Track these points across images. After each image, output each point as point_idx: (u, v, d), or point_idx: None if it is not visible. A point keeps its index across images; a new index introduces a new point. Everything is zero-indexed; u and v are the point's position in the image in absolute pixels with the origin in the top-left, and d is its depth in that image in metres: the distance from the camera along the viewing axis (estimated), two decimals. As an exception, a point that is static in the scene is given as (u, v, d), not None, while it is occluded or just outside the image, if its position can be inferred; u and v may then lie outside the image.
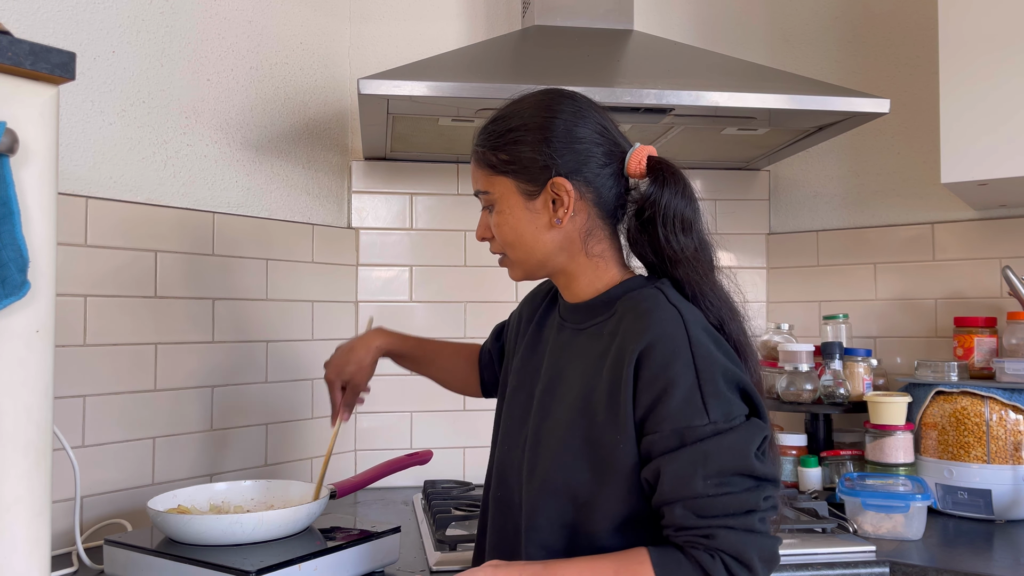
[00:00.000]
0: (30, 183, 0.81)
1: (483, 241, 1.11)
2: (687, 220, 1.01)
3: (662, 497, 0.91)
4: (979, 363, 1.80)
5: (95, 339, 1.51)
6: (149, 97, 1.65)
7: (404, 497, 1.91)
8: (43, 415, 0.82)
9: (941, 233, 2.00)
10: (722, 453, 0.89)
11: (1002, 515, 1.60)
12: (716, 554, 0.88)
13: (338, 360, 1.38)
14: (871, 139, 2.13)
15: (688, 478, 0.89)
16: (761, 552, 0.89)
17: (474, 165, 1.08)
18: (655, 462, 0.92)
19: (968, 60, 1.63)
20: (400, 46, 2.12)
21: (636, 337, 0.94)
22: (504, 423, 1.13)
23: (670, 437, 0.91)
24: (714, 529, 0.88)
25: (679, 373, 0.91)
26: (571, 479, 0.97)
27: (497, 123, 1.06)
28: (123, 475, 1.56)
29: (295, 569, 1.18)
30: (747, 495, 0.89)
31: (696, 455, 0.89)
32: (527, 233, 1.04)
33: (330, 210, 2.06)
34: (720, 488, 0.89)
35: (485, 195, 1.07)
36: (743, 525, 0.89)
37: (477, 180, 1.08)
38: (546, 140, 1.01)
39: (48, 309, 0.82)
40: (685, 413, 0.90)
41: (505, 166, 1.03)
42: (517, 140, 1.02)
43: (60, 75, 0.82)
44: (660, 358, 0.92)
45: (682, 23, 2.27)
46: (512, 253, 1.07)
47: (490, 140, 1.05)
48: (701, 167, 2.24)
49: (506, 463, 1.10)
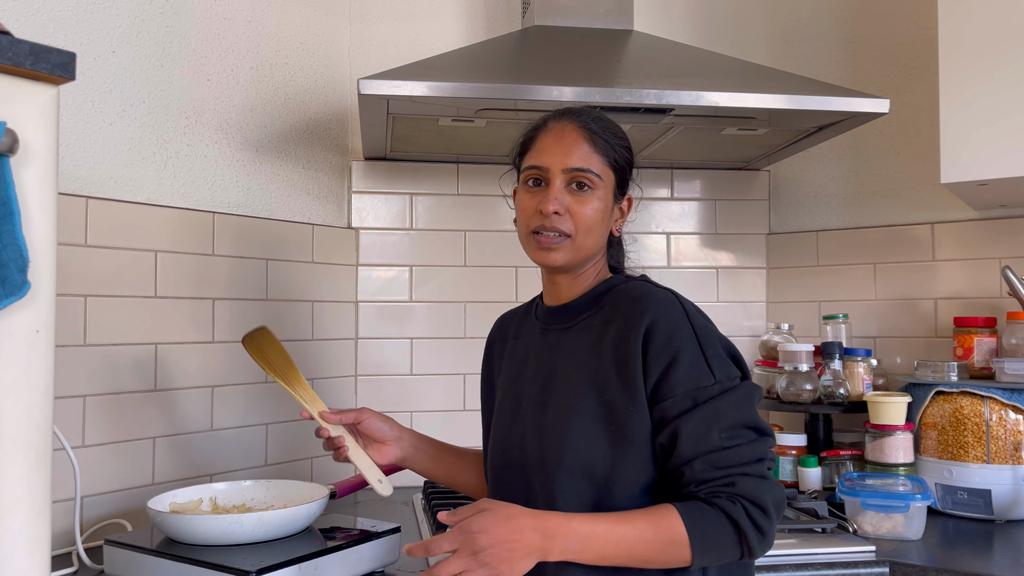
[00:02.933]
0: (30, 183, 0.81)
1: (554, 214, 1.09)
2: None
3: (680, 456, 0.99)
4: (979, 363, 1.80)
5: (95, 339, 1.51)
6: (149, 97, 1.65)
7: (404, 497, 1.91)
8: (43, 415, 0.82)
9: (941, 233, 2.00)
10: (731, 409, 1.00)
11: (1002, 515, 1.60)
12: (736, 500, 0.97)
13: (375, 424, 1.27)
14: (871, 139, 2.13)
15: (705, 434, 0.98)
16: (774, 497, 0.98)
17: (589, 146, 1.11)
18: (671, 425, 1.00)
19: (968, 60, 1.63)
20: (400, 46, 2.13)
21: (638, 316, 1.05)
22: (495, 432, 1.18)
23: (683, 399, 1.00)
24: (733, 477, 0.97)
25: (684, 341, 1.02)
26: (589, 458, 1.03)
27: (612, 126, 1.15)
28: (123, 475, 1.56)
29: (295, 569, 1.18)
30: (755, 446, 1.00)
31: (709, 412, 0.99)
32: (605, 226, 1.14)
33: (330, 210, 2.06)
34: (733, 440, 0.98)
35: (590, 175, 1.10)
36: (756, 472, 0.99)
37: (589, 160, 1.11)
38: (633, 164, 1.18)
39: (48, 309, 0.82)
40: (694, 376, 1.01)
41: (616, 164, 1.14)
42: (627, 148, 1.16)
43: (60, 75, 0.82)
44: (665, 330, 1.02)
45: (682, 23, 2.27)
46: (583, 238, 1.11)
47: (614, 137, 1.14)
48: (701, 167, 2.24)
49: (504, 466, 1.14)
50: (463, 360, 2.10)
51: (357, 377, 2.06)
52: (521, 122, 1.75)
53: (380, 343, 2.08)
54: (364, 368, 2.07)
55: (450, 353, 2.10)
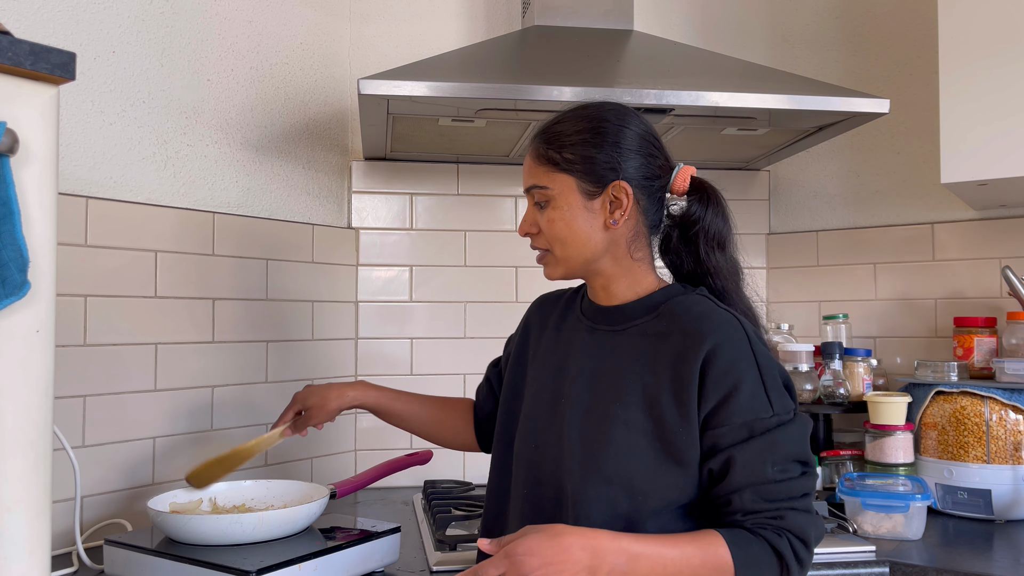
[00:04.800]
0: (30, 183, 0.81)
1: (526, 236, 1.14)
2: (723, 239, 1.12)
3: (731, 485, 0.98)
4: (979, 363, 1.80)
5: (95, 339, 1.52)
6: (149, 97, 1.65)
7: (404, 497, 1.91)
8: (43, 415, 0.82)
9: (941, 233, 2.00)
10: (786, 442, 0.99)
11: (1002, 515, 1.60)
12: (783, 533, 0.97)
13: (312, 389, 1.38)
14: (871, 139, 2.13)
15: (759, 465, 0.98)
16: (816, 531, 0.99)
17: (532, 161, 1.12)
18: (724, 452, 0.99)
19: (968, 60, 1.63)
20: (400, 46, 2.13)
21: (699, 338, 1.02)
22: (528, 423, 1.15)
23: (740, 429, 0.99)
24: (782, 511, 0.97)
25: (745, 371, 1.00)
26: (630, 469, 1.02)
27: (563, 124, 1.11)
28: (123, 475, 1.56)
29: (295, 569, 1.18)
30: (804, 480, 1.00)
31: (765, 444, 0.98)
32: (581, 231, 1.09)
33: (330, 210, 2.06)
34: (784, 474, 0.98)
35: (541, 191, 1.10)
36: (804, 507, 0.99)
37: (534, 175, 1.11)
38: (615, 144, 1.08)
39: (48, 309, 0.82)
40: (753, 407, 0.99)
41: (569, 164, 1.08)
42: (585, 141, 1.08)
43: (60, 75, 0.82)
44: (727, 357, 1.00)
45: (682, 23, 2.27)
46: (560, 250, 1.10)
47: (556, 138, 1.10)
48: (701, 167, 2.20)
49: (536, 461, 1.11)
50: (463, 360, 2.10)
51: (357, 377, 2.06)
52: (521, 122, 1.75)
53: (380, 343, 2.08)
54: (364, 368, 2.07)
55: (450, 353, 2.10)
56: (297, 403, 1.38)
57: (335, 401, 1.35)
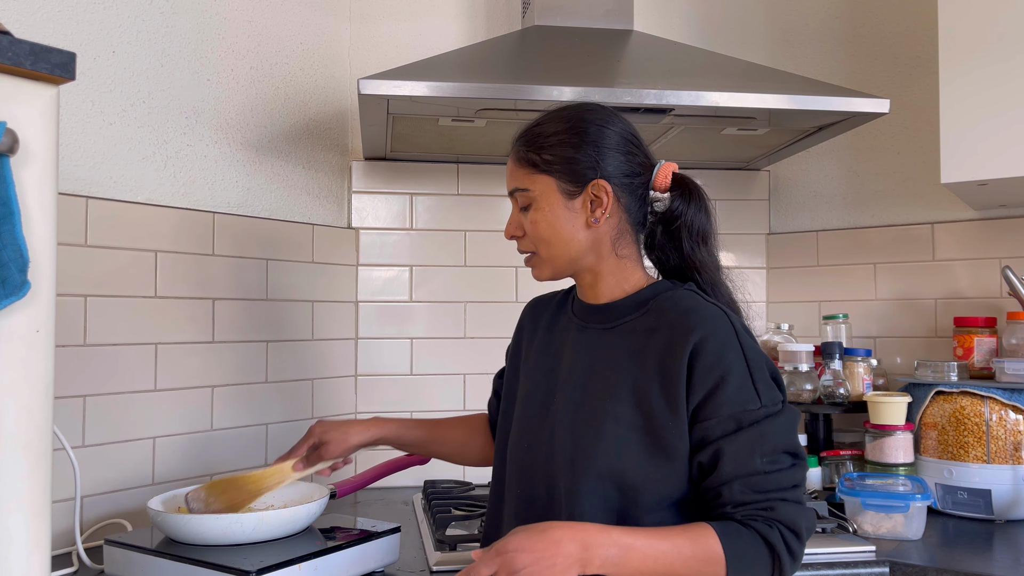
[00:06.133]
0: (30, 183, 0.81)
1: (512, 239, 1.15)
2: (706, 234, 1.13)
3: (720, 477, 0.99)
4: (979, 363, 1.80)
5: (95, 339, 1.51)
6: (149, 97, 1.65)
7: (404, 497, 1.91)
8: (43, 415, 0.82)
9: (941, 233, 2.00)
10: (774, 434, 0.99)
11: (1002, 515, 1.60)
12: (774, 524, 0.97)
13: (331, 424, 1.32)
14: (871, 139, 2.13)
15: (747, 457, 0.98)
16: (807, 522, 0.99)
17: (513, 164, 1.14)
18: (713, 445, 0.99)
19: (968, 60, 1.63)
20: (400, 46, 2.12)
21: (686, 332, 1.02)
22: (520, 423, 1.16)
23: (727, 421, 0.99)
24: (772, 502, 0.98)
25: (732, 363, 1.00)
26: (621, 465, 1.02)
27: (542, 125, 1.12)
28: (123, 475, 1.56)
29: (295, 569, 1.18)
30: (794, 471, 1.00)
31: (753, 436, 0.99)
32: (563, 231, 1.10)
33: (330, 210, 2.06)
34: (773, 465, 0.99)
35: (523, 193, 1.12)
36: (794, 498, 0.99)
37: (516, 178, 1.13)
38: (594, 144, 1.09)
39: (48, 309, 0.82)
40: (740, 398, 1.00)
41: (548, 165, 1.09)
42: (563, 142, 1.09)
43: (60, 75, 0.82)
44: (714, 350, 1.01)
45: (682, 23, 2.27)
46: (545, 251, 1.11)
47: (535, 140, 1.11)
48: (701, 167, 2.23)
49: (528, 460, 1.12)
50: (463, 360, 2.10)
51: (357, 377, 2.06)
52: (521, 122, 1.74)
53: (380, 343, 2.08)
54: (364, 368, 2.07)
55: (450, 353, 2.10)
56: (313, 436, 1.31)
57: (356, 436, 1.29)
